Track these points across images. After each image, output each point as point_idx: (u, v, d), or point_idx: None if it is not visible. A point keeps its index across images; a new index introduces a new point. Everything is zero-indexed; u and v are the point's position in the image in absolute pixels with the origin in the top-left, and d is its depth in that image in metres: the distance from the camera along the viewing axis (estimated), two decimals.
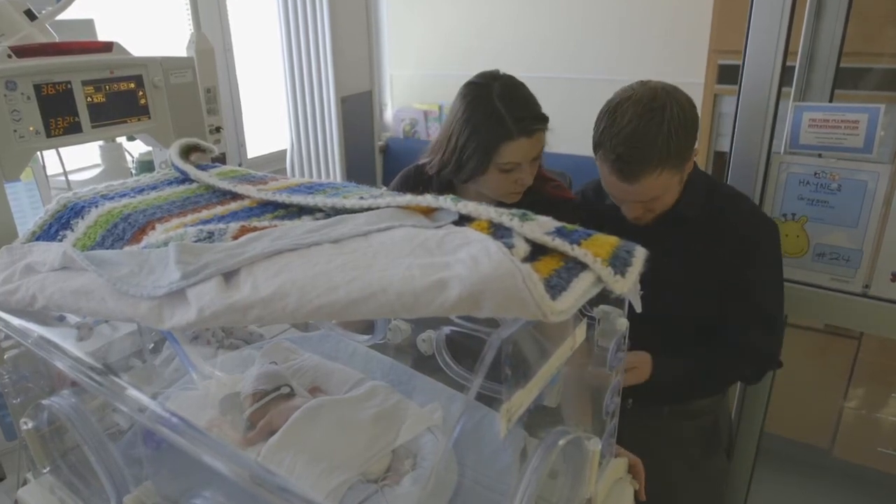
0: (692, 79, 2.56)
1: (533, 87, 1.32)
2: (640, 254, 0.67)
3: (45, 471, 0.96)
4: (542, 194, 1.29)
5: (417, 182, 1.37)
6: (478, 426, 0.91)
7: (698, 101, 2.14)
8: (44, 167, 1.43)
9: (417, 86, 3.35)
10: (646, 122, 1.10)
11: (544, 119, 1.21)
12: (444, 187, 1.33)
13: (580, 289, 0.58)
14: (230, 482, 0.63)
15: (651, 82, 1.15)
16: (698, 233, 1.23)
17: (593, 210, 1.33)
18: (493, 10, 2.97)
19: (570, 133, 2.62)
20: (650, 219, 1.23)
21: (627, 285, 0.63)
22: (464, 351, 0.95)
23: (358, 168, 3.16)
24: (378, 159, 3.40)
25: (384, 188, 0.91)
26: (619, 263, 0.63)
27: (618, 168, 1.12)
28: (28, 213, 1.41)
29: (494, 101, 1.17)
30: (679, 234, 1.23)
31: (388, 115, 3.46)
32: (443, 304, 0.52)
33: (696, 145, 1.17)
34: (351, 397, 0.97)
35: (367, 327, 1.10)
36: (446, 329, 0.95)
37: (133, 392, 0.73)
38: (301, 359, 1.11)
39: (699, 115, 1.13)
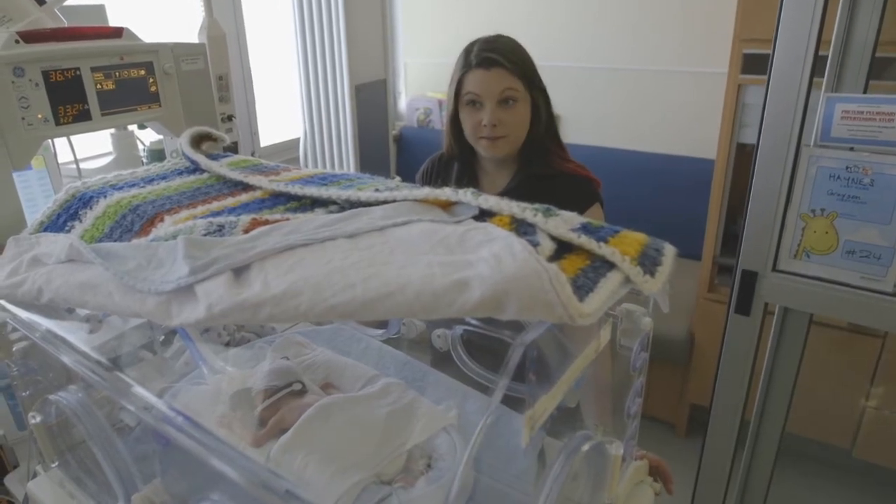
0: (714, 68, 2.50)
1: (548, 77, 1.30)
2: (669, 252, 0.63)
3: (53, 465, 0.95)
4: (564, 170, 1.31)
5: (440, 166, 1.41)
6: (494, 425, 0.88)
7: (720, 90, 2.09)
8: (55, 155, 1.42)
9: (432, 74, 3.31)
10: None
11: (506, 56, 1.22)
12: (464, 169, 1.36)
13: (608, 289, 0.55)
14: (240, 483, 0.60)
15: None
16: None
17: None
18: None
19: (586, 123, 2.59)
20: None
21: (657, 285, 0.59)
22: (480, 347, 0.93)
23: (372, 157, 3.14)
24: (392, 148, 3.37)
25: (398, 178, 0.90)
26: (648, 262, 0.60)
27: None
28: (40, 201, 1.39)
29: (469, 47, 1.27)
30: None
31: (402, 103, 3.43)
32: (464, 306, 0.49)
33: None
34: (364, 395, 0.94)
35: (381, 321, 1.09)
36: (461, 327, 0.92)
37: (139, 390, 0.71)
38: (313, 353, 1.08)
39: (721, 104, 1.02)
